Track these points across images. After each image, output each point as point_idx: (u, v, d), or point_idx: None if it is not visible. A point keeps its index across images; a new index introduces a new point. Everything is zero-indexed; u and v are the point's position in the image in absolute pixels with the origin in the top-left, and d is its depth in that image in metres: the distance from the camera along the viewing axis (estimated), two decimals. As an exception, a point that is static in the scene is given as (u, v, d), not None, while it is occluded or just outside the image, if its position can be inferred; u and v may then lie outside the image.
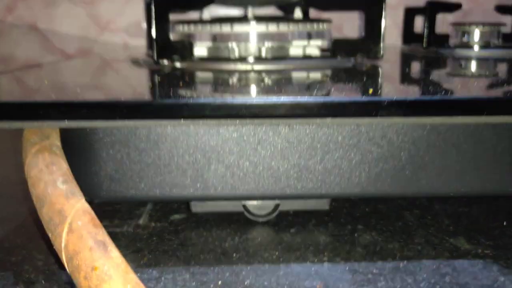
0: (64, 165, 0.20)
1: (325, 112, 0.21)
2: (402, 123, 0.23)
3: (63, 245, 0.17)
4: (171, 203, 0.29)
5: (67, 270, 0.17)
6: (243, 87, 0.28)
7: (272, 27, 0.37)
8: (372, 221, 0.26)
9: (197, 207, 0.26)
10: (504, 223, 0.26)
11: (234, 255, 0.23)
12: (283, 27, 0.38)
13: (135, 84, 0.30)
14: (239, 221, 0.26)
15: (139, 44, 0.69)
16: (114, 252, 0.17)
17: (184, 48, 0.37)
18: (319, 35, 0.40)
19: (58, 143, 0.22)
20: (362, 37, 0.37)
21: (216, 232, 0.25)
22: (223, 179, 0.24)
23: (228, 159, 0.24)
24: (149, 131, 0.23)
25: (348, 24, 0.56)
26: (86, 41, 0.68)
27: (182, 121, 0.21)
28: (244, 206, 0.26)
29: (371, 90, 0.24)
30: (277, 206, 0.26)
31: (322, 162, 0.24)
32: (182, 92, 0.25)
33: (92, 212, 0.18)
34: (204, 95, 0.25)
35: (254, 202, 0.26)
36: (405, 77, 0.33)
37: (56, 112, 0.20)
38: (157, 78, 0.30)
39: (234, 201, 0.26)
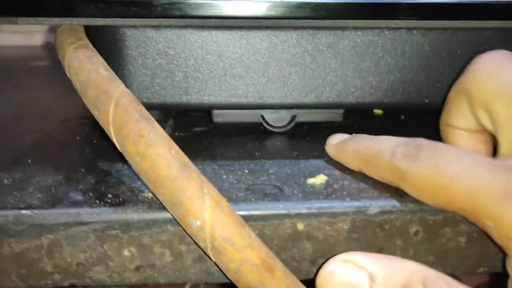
0: (101, 58, 0.21)
1: (346, 14, 0.23)
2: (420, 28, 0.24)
3: (110, 118, 0.18)
4: (192, 117, 0.30)
5: (114, 140, 0.19)
6: None
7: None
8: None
9: (218, 117, 0.28)
10: None
11: (256, 153, 0.25)
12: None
13: None
14: (258, 132, 0.28)
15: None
16: (157, 125, 0.18)
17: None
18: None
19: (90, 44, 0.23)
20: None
21: (237, 138, 0.27)
22: (244, 88, 0.26)
23: (249, 69, 0.25)
24: (176, 37, 0.24)
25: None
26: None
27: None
28: (263, 117, 0.28)
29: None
30: (293, 117, 0.28)
31: (338, 72, 0.26)
32: None
33: (132, 95, 0.19)
34: None
35: (272, 113, 0.27)
36: None
37: (91, 8, 0.22)
38: None
39: (253, 110, 0.27)
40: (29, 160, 0.24)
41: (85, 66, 0.20)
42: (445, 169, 0.17)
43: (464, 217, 0.18)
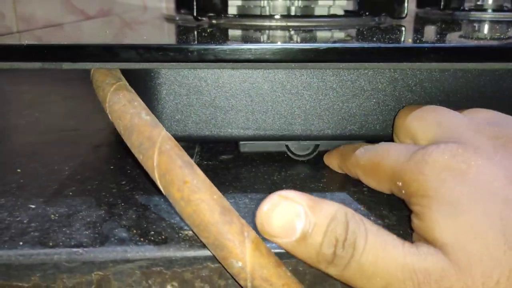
0: (141, 101, 0.23)
1: (369, 57, 0.24)
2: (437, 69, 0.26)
3: (155, 164, 0.20)
4: (217, 146, 0.32)
5: (159, 184, 0.20)
6: (281, 39, 0.30)
7: (303, -14, 0.39)
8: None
9: (245, 147, 0.29)
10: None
11: (284, 185, 0.26)
12: (313, -13, 0.40)
13: (183, 36, 0.32)
14: (282, 160, 0.29)
15: (156, 6, 0.71)
16: (199, 170, 0.20)
17: (218, 6, 0.39)
18: (346, -5, 0.42)
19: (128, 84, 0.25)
20: (386, -3, 0.40)
21: (263, 168, 0.28)
22: (269, 121, 0.27)
23: (274, 103, 0.27)
24: (205, 76, 0.26)
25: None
26: (105, 2, 0.69)
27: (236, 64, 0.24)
28: (287, 146, 0.29)
29: (409, 40, 0.27)
30: (316, 146, 0.29)
31: (360, 107, 0.27)
32: (229, 40, 0.27)
33: (174, 139, 0.21)
34: (251, 41, 0.27)
35: (296, 143, 0.29)
36: (432, 34, 0.36)
37: (132, 54, 0.23)
38: (199, 31, 0.32)
39: (278, 141, 0.29)
40: (70, 193, 0.25)
41: (127, 110, 0.22)
42: (381, 153, 0.22)
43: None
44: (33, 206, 0.23)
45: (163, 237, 0.21)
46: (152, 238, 0.21)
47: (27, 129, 0.36)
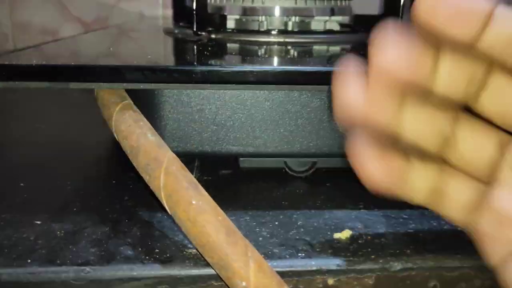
0: (146, 121, 0.23)
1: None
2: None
3: (162, 185, 0.20)
4: (216, 160, 0.33)
5: (165, 204, 0.21)
6: (279, 55, 0.31)
7: (300, 2, 0.40)
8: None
9: (245, 163, 0.30)
10: None
11: (283, 202, 0.27)
12: (310, 2, 0.41)
13: (186, 53, 0.33)
14: (281, 176, 0.30)
15: (153, 14, 0.72)
16: (204, 191, 0.20)
17: (217, 20, 0.40)
18: (341, 11, 0.43)
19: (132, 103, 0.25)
20: (382, 13, 0.41)
21: (262, 184, 0.29)
22: (269, 138, 0.28)
23: (273, 123, 0.27)
24: (208, 94, 0.26)
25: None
26: (102, 9, 0.69)
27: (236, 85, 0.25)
28: (285, 163, 0.30)
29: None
30: (314, 163, 0.30)
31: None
32: (231, 60, 0.28)
33: (179, 160, 0.22)
34: (254, 62, 0.28)
35: (294, 160, 0.30)
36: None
37: (138, 75, 0.24)
38: (201, 48, 0.33)
39: (276, 158, 0.29)
40: (75, 208, 0.26)
41: (133, 130, 0.22)
42: None
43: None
44: (38, 222, 0.24)
45: (168, 255, 0.21)
46: (157, 256, 0.21)
47: (28, 140, 0.36)
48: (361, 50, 0.34)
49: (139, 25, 0.55)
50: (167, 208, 0.21)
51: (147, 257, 0.21)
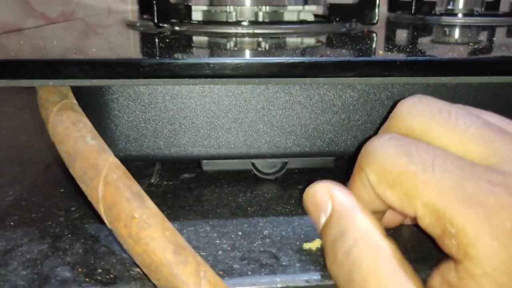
0: (88, 122, 0.21)
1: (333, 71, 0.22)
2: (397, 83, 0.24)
3: (100, 196, 0.18)
4: (179, 163, 0.30)
5: (105, 220, 0.18)
6: (246, 48, 0.28)
7: (270, -9, 0.37)
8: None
9: (208, 166, 0.27)
10: None
11: (249, 209, 0.24)
12: (281, -9, 0.38)
13: (141, 46, 0.30)
14: (248, 178, 0.28)
15: (121, 9, 0.68)
16: (150, 203, 0.18)
17: (182, 11, 0.37)
18: (315, 0, 0.40)
19: (75, 101, 0.23)
20: (357, 2, 0.38)
21: (227, 188, 0.26)
22: (233, 138, 0.25)
23: (237, 119, 0.25)
24: (162, 91, 0.24)
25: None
26: (67, 4, 0.66)
27: (193, 80, 0.22)
28: (253, 164, 0.27)
29: (381, 52, 0.25)
30: (284, 164, 0.27)
31: (329, 122, 0.25)
32: (187, 53, 0.25)
33: (123, 167, 0.19)
34: (214, 55, 0.25)
35: (263, 160, 0.27)
36: (404, 42, 0.35)
37: (75, 70, 0.21)
38: (160, 40, 0.30)
39: (243, 159, 0.27)
40: (12, 223, 0.23)
41: (71, 133, 0.20)
42: None
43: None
44: (-34, 241, 0.21)
45: (111, 275, 0.19)
46: (99, 277, 0.18)
47: (-28, 146, 0.33)
48: (334, 43, 0.32)
49: (106, 19, 0.51)
50: (106, 223, 0.18)
51: (86, 279, 0.18)
